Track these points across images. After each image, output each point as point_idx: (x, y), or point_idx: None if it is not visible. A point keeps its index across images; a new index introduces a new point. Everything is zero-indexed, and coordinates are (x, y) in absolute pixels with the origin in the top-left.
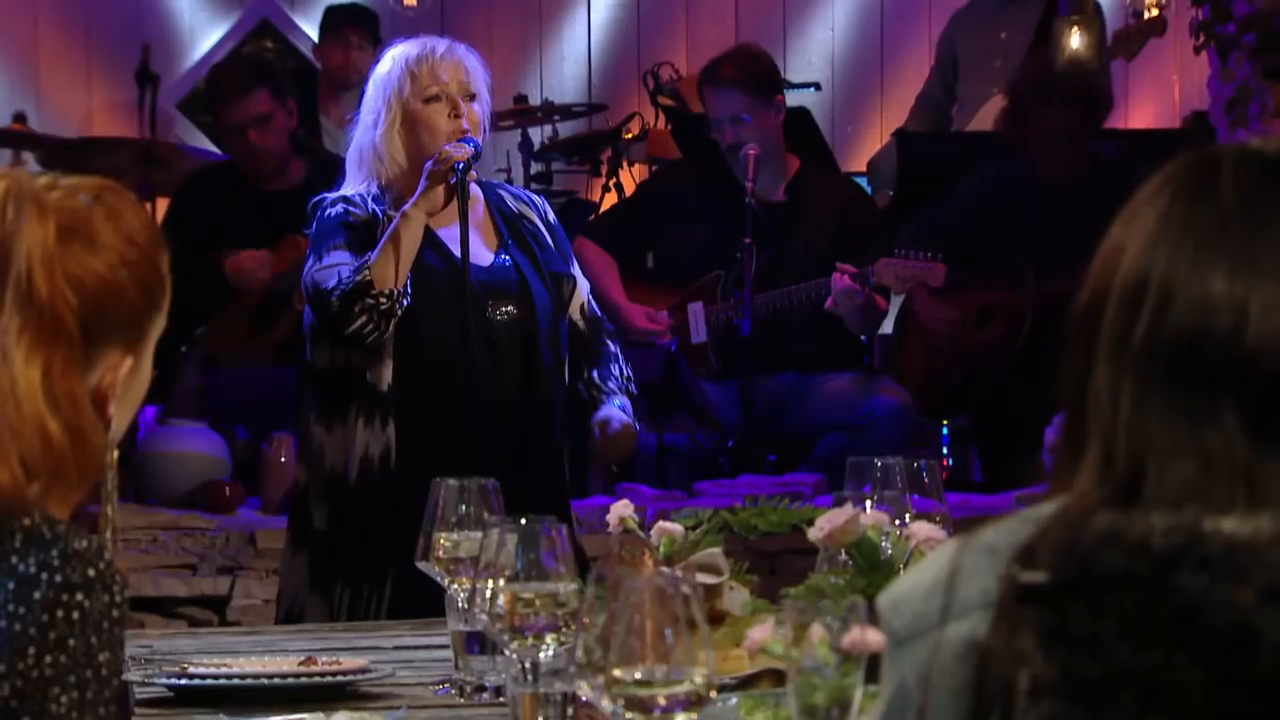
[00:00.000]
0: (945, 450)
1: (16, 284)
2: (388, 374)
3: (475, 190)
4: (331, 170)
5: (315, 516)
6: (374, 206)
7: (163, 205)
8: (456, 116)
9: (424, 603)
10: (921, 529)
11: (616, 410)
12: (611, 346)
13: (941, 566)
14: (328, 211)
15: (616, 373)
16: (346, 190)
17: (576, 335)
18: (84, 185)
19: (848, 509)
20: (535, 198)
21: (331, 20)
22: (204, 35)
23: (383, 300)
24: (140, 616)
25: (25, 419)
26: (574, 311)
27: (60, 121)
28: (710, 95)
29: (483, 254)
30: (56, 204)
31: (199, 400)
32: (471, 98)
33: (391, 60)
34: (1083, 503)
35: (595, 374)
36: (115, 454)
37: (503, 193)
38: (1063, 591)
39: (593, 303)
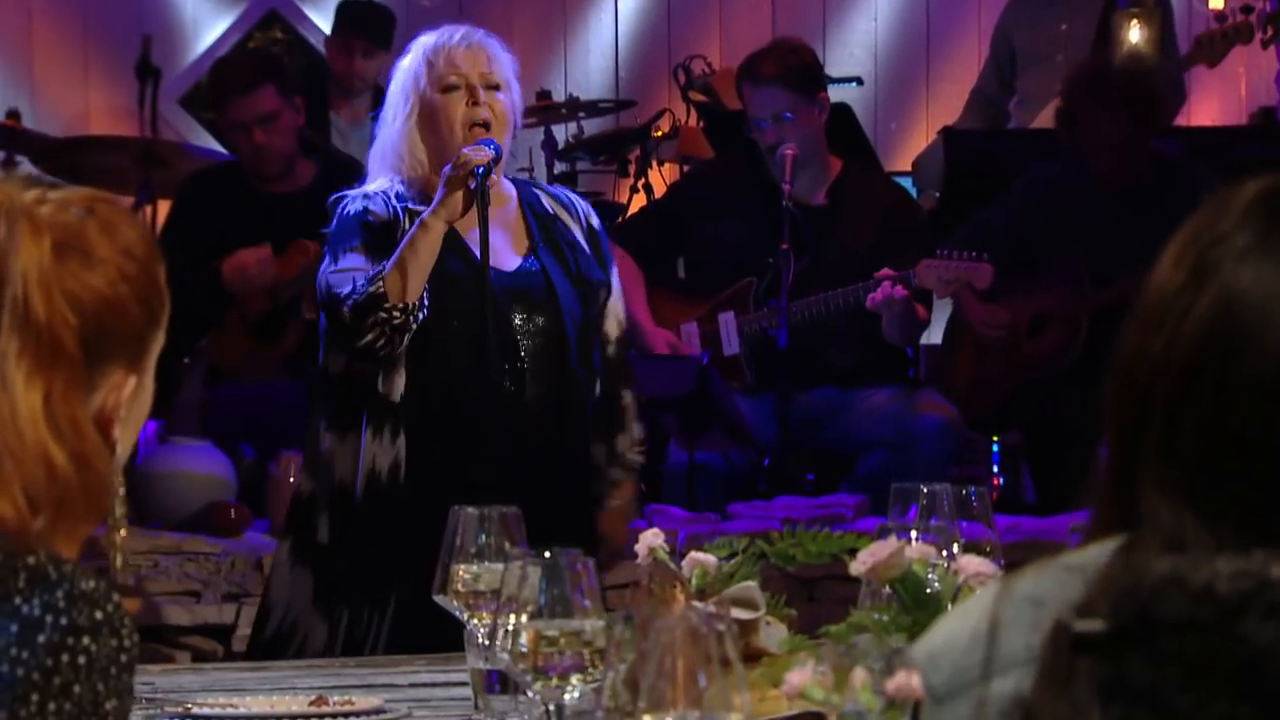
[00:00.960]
0: (995, 468)
1: (13, 306)
2: (400, 384)
3: (509, 189)
4: (342, 171)
5: (319, 529)
6: (395, 205)
7: (164, 207)
8: (474, 104)
9: (427, 631)
10: (971, 563)
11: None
12: (627, 398)
13: (979, 618)
14: (348, 209)
15: (622, 446)
16: (369, 187)
17: (603, 360)
18: (74, 198)
19: (892, 542)
20: (577, 200)
21: (339, 23)
22: (208, 27)
23: (395, 315)
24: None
25: (27, 448)
26: (609, 328)
27: (56, 119)
28: (750, 92)
29: (509, 258)
30: (50, 219)
31: (202, 416)
32: (494, 88)
33: (413, 52)
34: (1139, 548)
35: (603, 449)
36: (122, 484)
37: (539, 192)
38: (1120, 640)
39: (624, 328)
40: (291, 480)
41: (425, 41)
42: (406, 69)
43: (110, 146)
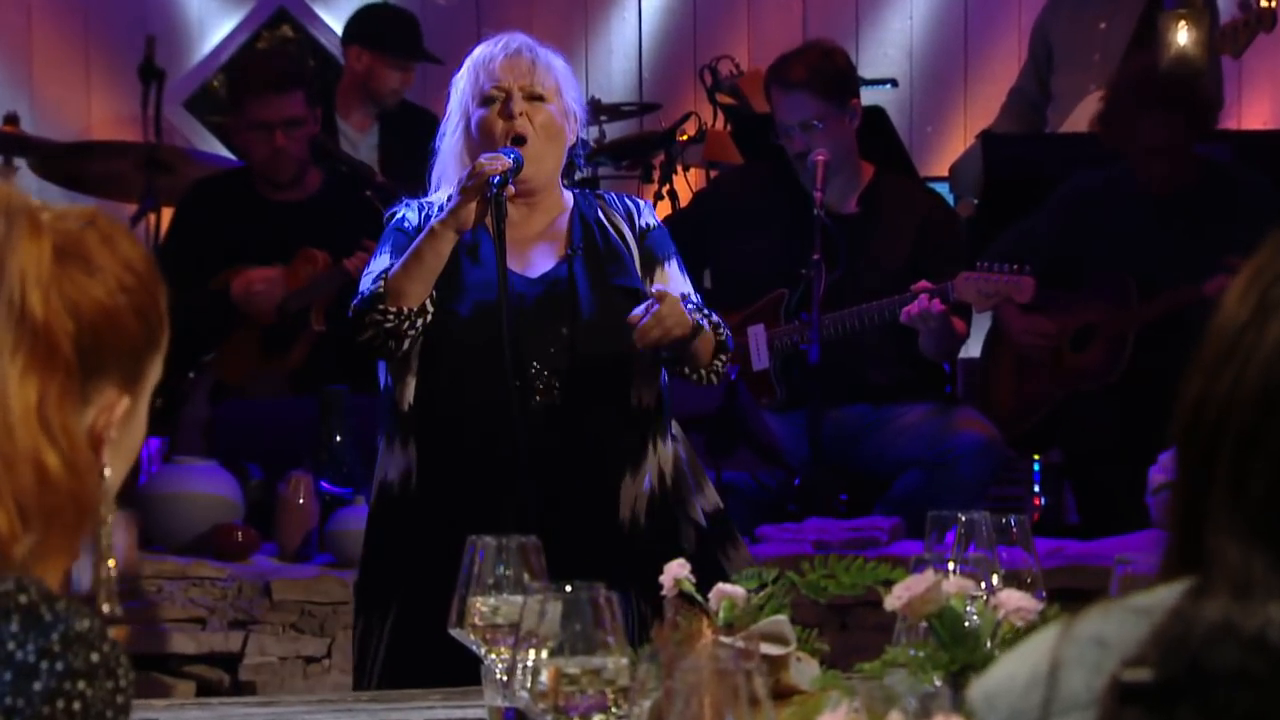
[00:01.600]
0: (1036, 488)
1: (9, 302)
2: (410, 392)
3: (566, 198)
4: (349, 179)
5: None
6: (429, 212)
7: (168, 214)
8: (509, 116)
9: (425, 646)
10: (1011, 598)
11: (675, 296)
12: (713, 315)
13: (1040, 657)
14: (394, 213)
15: (705, 323)
16: (430, 198)
17: None
18: (74, 210)
19: (928, 575)
20: (637, 203)
21: (360, 31)
22: (214, 27)
23: (390, 317)
24: (144, 676)
25: (19, 449)
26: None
27: (56, 123)
28: (779, 98)
29: (540, 264)
30: (50, 224)
31: (207, 434)
32: (537, 98)
33: (466, 64)
34: (1207, 590)
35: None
36: (111, 515)
37: (597, 200)
38: (1170, 691)
39: (689, 299)
40: (301, 502)
41: (475, 53)
42: (456, 82)
43: (112, 151)
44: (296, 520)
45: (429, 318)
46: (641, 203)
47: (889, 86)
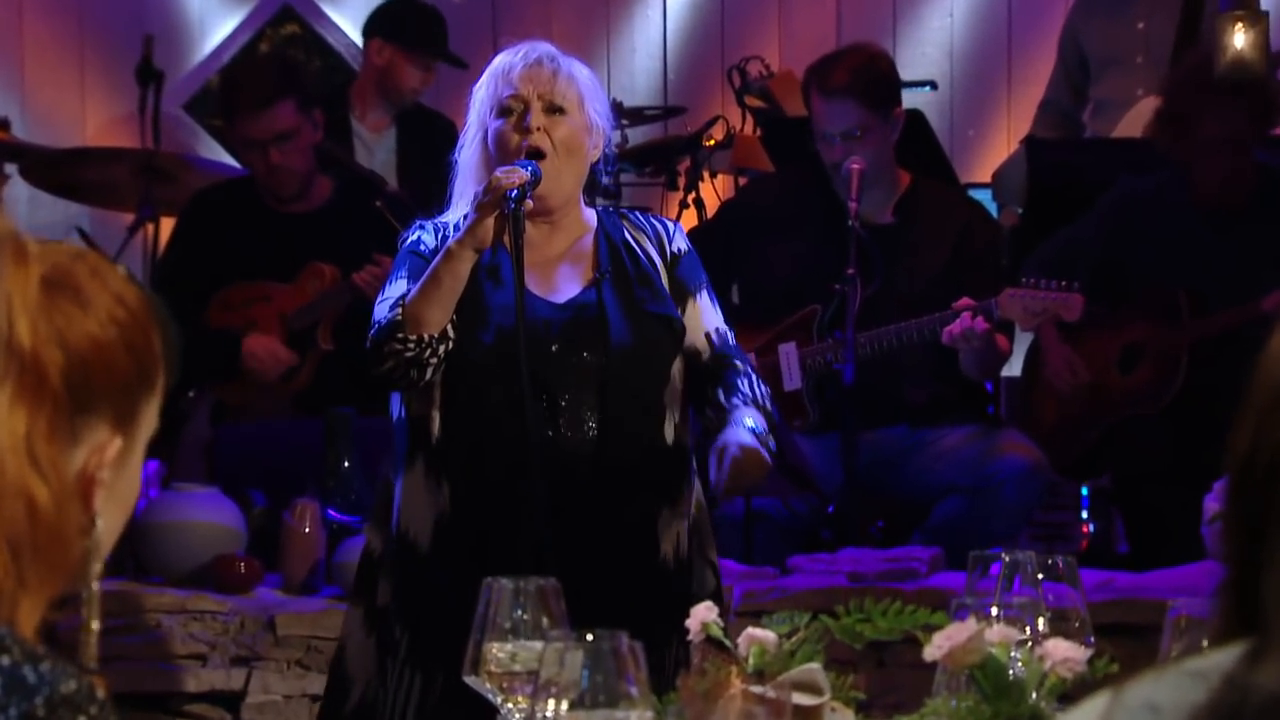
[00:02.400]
0: (1084, 515)
1: None
2: (436, 425)
3: (589, 218)
4: (361, 188)
5: (379, 588)
6: (450, 234)
7: (167, 225)
8: (525, 130)
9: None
10: (1058, 648)
11: (740, 432)
12: (740, 364)
13: None
14: (407, 237)
15: (745, 387)
16: (446, 217)
17: (699, 369)
18: (61, 245)
19: (970, 624)
20: (666, 225)
21: (382, 25)
22: (215, 24)
23: (410, 346)
24: (141, 717)
25: (8, 481)
26: (697, 341)
27: (49, 127)
28: (819, 105)
29: (568, 289)
30: (38, 253)
31: (208, 458)
32: (556, 110)
33: (485, 73)
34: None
35: (719, 393)
36: (100, 573)
37: (623, 220)
38: None
39: (722, 334)
40: (307, 531)
41: (495, 62)
42: (476, 91)
43: (108, 157)
44: (302, 550)
45: (451, 344)
46: (671, 224)
47: (928, 89)
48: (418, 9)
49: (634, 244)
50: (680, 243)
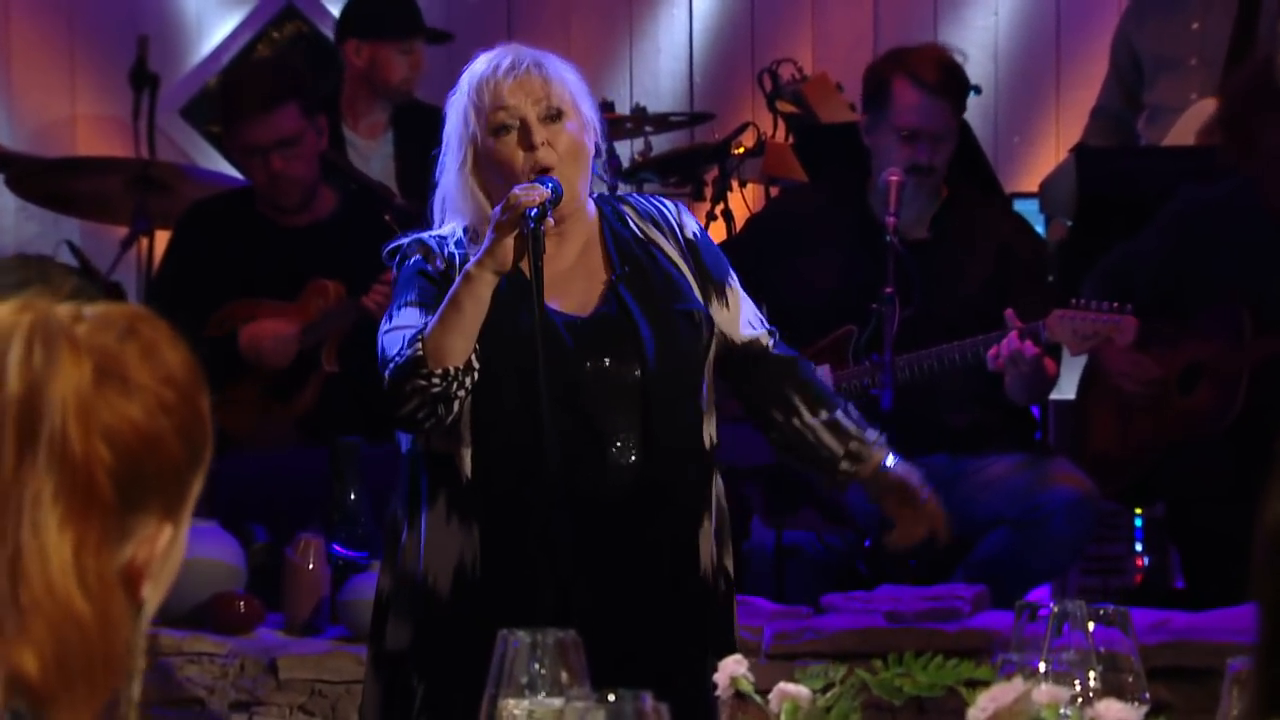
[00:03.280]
0: (1139, 547)
1: (50, 441)
2: (467, 463)
3: (591, 212)
4: (366, 199)
5: (390, 634)
6: (454, 250)
7: (162, 239)
8: (530, 148)
9: None
10: (1110, 711)
11: (904, 467)
12: (806, 364)
13: None
14: (408, 260)
15: (839, 399)
16: (432, 232)
17: (740, 360)
18: (114, 315)
19: (1016, 684)
20: (669, 209)
21: (355, 21)
22: (214, 25)
23: (435, 381)
24: None
25: (57, 602)
26: (736, 335)
27: (37, 133)
28: (914, 99)
29: (586, 300)
30: (88, 341)
31: (206, 489)
32: (556, 116)
33: (461, 86)
34: None
35: (800, 402)
36: (142, 661)
37: (626, 209)
38: None
39: (770, 328)
40: (311, 567)
41: (472, 72)
42: (456, 107)
43: (100, 168)
44: (306, 588)
45: (476, 375)
46: (675, 206)
47: (972, 94)
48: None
49: (643, 236)
50: (692, 225)
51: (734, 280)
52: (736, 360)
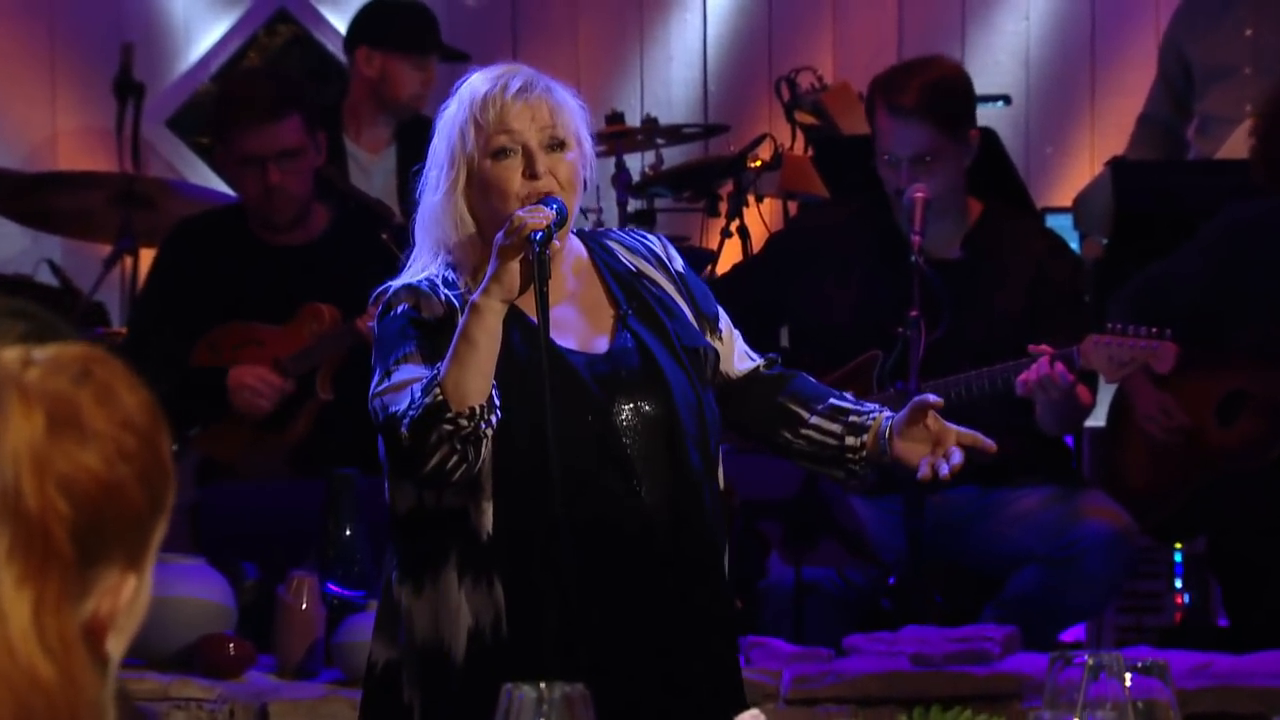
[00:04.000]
0: (1179, 584)
1: (3, 497)
2: (488, 517)
3: (579, 248)
4: (361, 218)
5: (413, 709)
6: (447, 293)
7: (148, 258)
8: (533, 176)
9: None
10: None
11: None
12: (794, 374)
13: None
14: (394, 310)
15: (836, 392)
16: (414, 273)
17: (738, 393)
18: (65, 357)
19: None
20: (652, 241)
21: (367, 29)
22: (202, 31)
23: (463, 423)
24: None
25: (18, 667)
26: (733, 369)
27: (16, 146)
28: (887, 124)
29: (597, 337)
30: (39, 388)
31: (193, 524)
32: (558, 146)
33: (458, 102)
34: None
35: (817, 407)
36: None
37: (612, 244)
38: None
39: (750, 353)
40: (304, 607)
41: (473, 88)
42: (450, 123)
43: (81, 184)
44: (299, 629)
45: (499, 413)
46: (661, 240)
47: (1001, 104)
48: (401, 6)
49: (635, 270)
50: (679, 261)
51: (723, 315)
52: (736, 393)
